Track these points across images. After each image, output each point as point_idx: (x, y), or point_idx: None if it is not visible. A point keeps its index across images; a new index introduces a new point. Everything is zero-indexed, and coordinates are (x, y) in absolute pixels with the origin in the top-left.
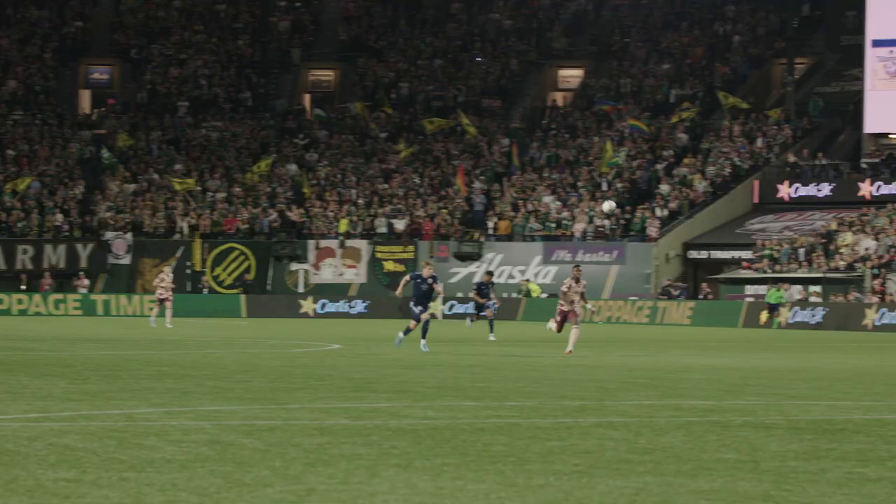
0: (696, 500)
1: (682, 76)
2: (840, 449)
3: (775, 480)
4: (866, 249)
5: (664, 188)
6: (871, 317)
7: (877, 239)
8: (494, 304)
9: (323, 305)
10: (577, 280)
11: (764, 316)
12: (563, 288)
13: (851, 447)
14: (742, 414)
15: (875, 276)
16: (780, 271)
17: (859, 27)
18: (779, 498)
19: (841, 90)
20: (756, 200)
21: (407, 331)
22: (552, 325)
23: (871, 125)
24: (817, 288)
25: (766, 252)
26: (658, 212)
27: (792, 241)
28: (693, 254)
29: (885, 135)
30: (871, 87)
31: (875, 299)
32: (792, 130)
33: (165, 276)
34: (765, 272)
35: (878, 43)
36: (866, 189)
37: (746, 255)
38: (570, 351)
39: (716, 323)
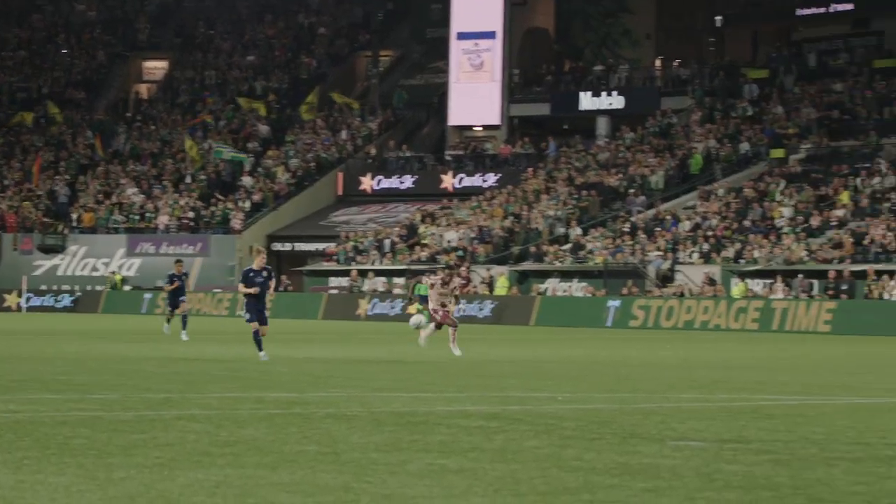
0: (276, 492)
1: (268, 68)
2: (422, 440)
3: (356, 472)
4: (448, 241)
5: (248, 180)
6: (451, 308)
7: (458, 230)
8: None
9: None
10: (447, 283)
11: (414, 309)
12: (424, 279)
13: (433, 439)
14: (324, 406)
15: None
16: (364, 263)
17: (444, 20)
18: (359, 489)
19: (425, 83)
20: (340, 192)
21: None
22: (417, 319)
23: (455, 118)
24: (401, 280)
25: (351, 243)
26: (242, 204)
27: (376, 232)
28: (277, 246)
29: (469, 127)
30: (456, 80)
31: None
32: (376, 123)
33: None
34: (348, 264)
35: (462, 36)
36: (449, 181)
37: (330, 246)
38: (458, 352)
39: (296, 315)
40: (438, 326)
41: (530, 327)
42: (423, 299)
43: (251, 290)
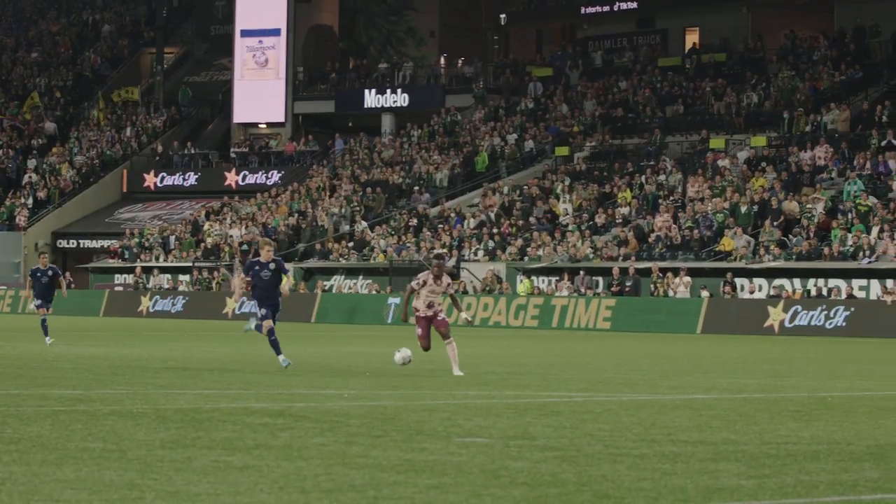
0: (61, 489)
1: (52, 65)
2: (207, 438)
3: (141, 469)
4: (230, 237)
5: (33, 177)
6: (232, 306)
7: (243, 227)
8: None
9: None
10: (439, 277)
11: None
12: (414, 284)
13: (218, 436)
14: (109, 403)
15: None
16: (149, 260)
17: (228, 17)
18: (144, 486)
19: (210, 80)
20: (125, 190)
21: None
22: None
23: (239, 115)
24: (186, 277)
25: (136, 240)
26: (27, 201)
27: (161, 229)
28: (62, 243)
29: (254, 125)
30: (241, 78)
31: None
32: (161, 120)
33: None
34: (133, 261)
35: (246, 33)
36: (233, 178)
37: (114, 243)
38: (460, 373)
39: (77, 312)
40: (426, 345)
41: (311, 324)
42: None
43: (241, 286)
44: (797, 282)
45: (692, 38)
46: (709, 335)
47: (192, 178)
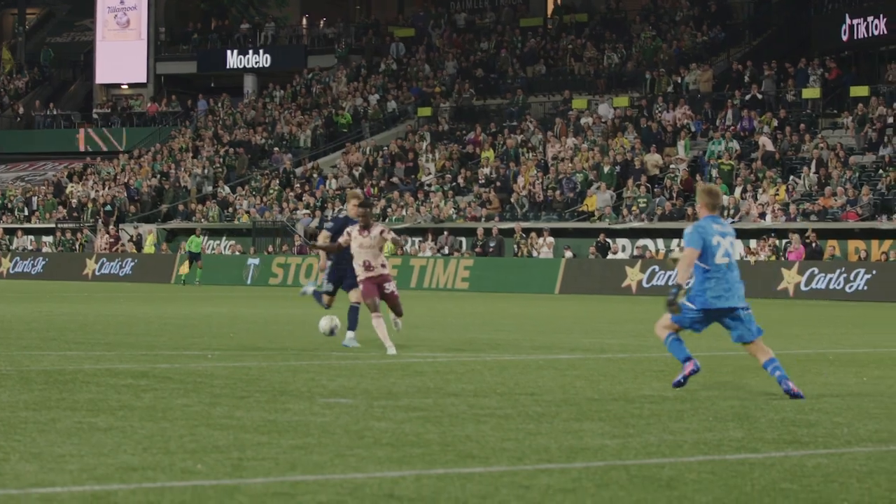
0: None
1: None
2: (70, 399)
3: (5, 430)
4: (93, 200)
5: None
6: (92, 267)
7: (105, 189)
8: None
9: None
10: (366, 228)
11: (185, 268)
12: (341, 239)
13: (81, 397)
14: None
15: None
16: (14, 221)
17: None
18: (8, 448)
19: (72, 41)
20: None
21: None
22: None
23: (102, 76)
24: (49, 238)
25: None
26: None
27: (24, 190)
28: None
29: (117, 85)
30: (102, 38)
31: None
32: (23, 81)
33: None
34: None
35: None
36: (94, 139)
37: None
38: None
39: None
40: (373, 305)
41: (171, 285)
42: (194, 257)
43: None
44: (660, 242)
45: None
46: (567, 295)
47: (54, 140)
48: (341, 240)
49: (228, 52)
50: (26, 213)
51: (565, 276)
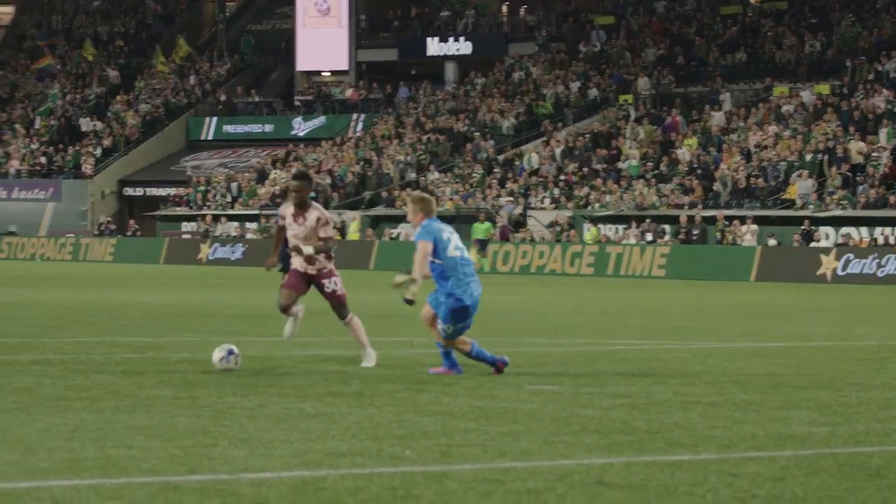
0: (134, 435)
1: (114, 13)
2: (278, 385)
3: (214, 416)
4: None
5: (98, 125)
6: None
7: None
8: None
9: None
10: (301, 208)
11: (474, 255)
12: (279, 220)
13: (290, 383)
14: (178, 351)
15: None
16: (217, 208)
17: None
18: (217, 433)
19: (272, 28)
20: (190, 137)
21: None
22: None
23: (302, 63)
24: (253, 225)
25: (202, 188)
26: (93, 149)
27: (227, 177)
28: (129, 191)
29: (318, 73)
30: (303, 25)
31: None
32: (225, 69)
33: None
34: (200, 209)
35: None
36: (298, 126)
37: (182, 191)
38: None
39: (138, 259)
40: (284, 302)
41: (370, 271)
42: (482, 244)
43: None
44: (864, 230)
45: None
46: (763, 283)
47: (258, 127)
48: (279, 220)
49: (429, 39)
50: (229, 199)
51: (761, 263)
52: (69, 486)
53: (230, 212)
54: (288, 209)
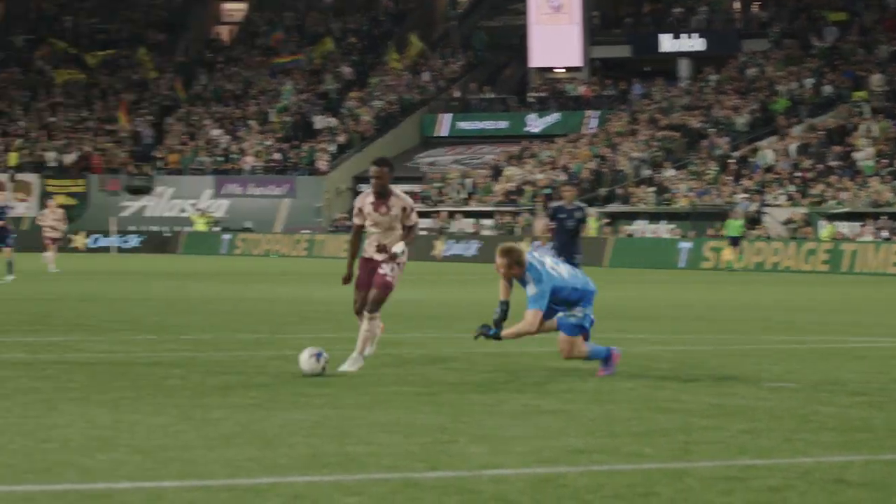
0: (374, 432)
1: (346, 9)
2: (517, 382)
3: (452, 412)
4: (531, 183)
5: (332, 121)
6: (525, 249)
7: (543, 172)
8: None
9: None
10: (383, 198)
11: (728, 253)
12: (355, 218)
13: (528, 380)
14: (418, 347)
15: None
16: (451, 204)
17: None
18: (455, 430)
19: (504, 24)
20: (424, 134)
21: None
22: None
23: (536, 59)
24: (489, 221)
25: (437, 185)
26: (327, 145)
27: (462, 174)
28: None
29: (550, 69)
30: (536, 22)
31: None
32: (458, 65)
33: None
34: (435, 206)
35: None
36: (532, 123)
37: (417, 188)
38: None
39: None
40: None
41: (604, 269)
42: (735, 241)
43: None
44: None
45: None
46: None
47: (492, 123)
48: (355, 219)
49: (662, 35)
50: (464, 196)
51: None
52: (309, 482)
53: (465, 208)
54: (367, 199)
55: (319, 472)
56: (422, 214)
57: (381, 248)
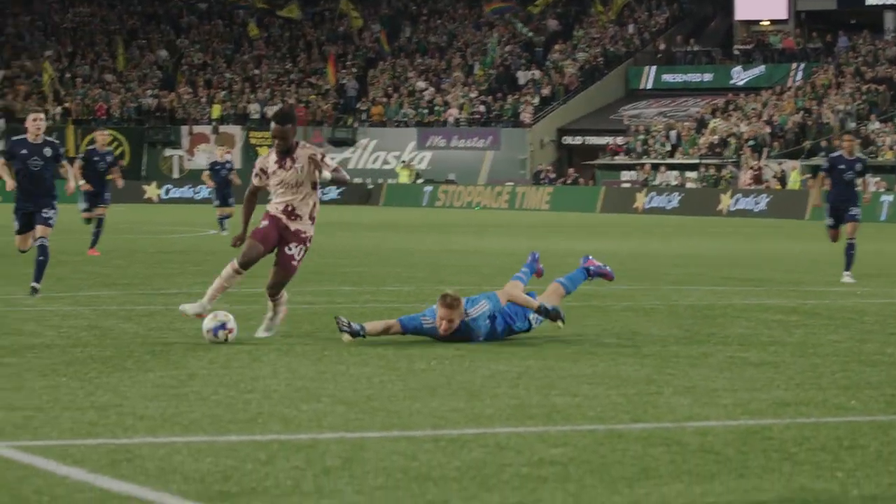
0: (578, 383)
1: None
2: (721, 334)
3: (657, 364)
4: (735, 136)
5: (536, 74)
6: (726, 202)
7: (748, 124)
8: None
9: (167, 191)
10: (286, 154)
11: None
12: (254, 178)
13: (732, 332)
14: (621, 299)
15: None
16: (656, 157)
17: None
18: (661, 381)
19: None
20: (629, 87)
21: None
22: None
23: (742, 12)
24: (693, 174)
25: (641, 137)
26: (531, 98)
27: (667, 126)
28: (567, 139)
29: (756, 21)
30: None
31: (748, 179)
32: (663, 17)
33: None
34: (639, 158)
35: None
36: (737, 75)
37: (621, 140)
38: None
39: (574, 208)
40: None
41: (805, 221)
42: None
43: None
44: None
45: None
46: None
47: (697, 76)
48: (254, 179)
49: None
50: (668, 148)
51: None
52: (513, 433)
53: (669, 161)
54: (269, 157)
55: (524, 423)
56: (625, 167)
57: (289, 211)
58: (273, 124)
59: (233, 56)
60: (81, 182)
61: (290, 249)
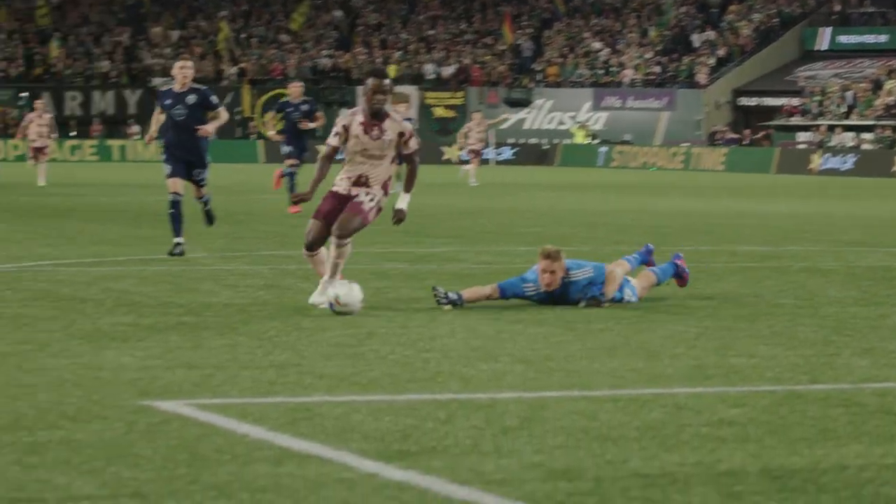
0: (755, 344)
1: None
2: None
3: (835, 326)
4: None
5: (711, 35)
6: None
7: None
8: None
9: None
10: (377, 119)
11: None
12: (332, 139)
13: None
14: (798, 260)
15: None
16: (832, 118)
17: None
18: (840, 343)
19: None
20: (804, 48)
21: None
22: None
23: None
24: (870, 135)
25: (817, 98)
26: (706, 59)
27: (843, 87)
28: (743, 101)
29: None
30: None
31: None
32: None
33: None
34: (815, 119)
35: None
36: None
37: (796, 102)
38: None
39: (749, 169)
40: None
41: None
42: None
43: None
44: None
45: None
46: None
47: (873, 37)
48: (332, 140)
49: None
50: (844, 110)
51: None
52: (692, 394)
53: (845, 122)
54: (356, 117)
55: (702, 383)
56: (801, 128)
57: (361, 182)
58: (384, 80)
59: (408, 16)
60: (271, 132)
61: (358, 197)
